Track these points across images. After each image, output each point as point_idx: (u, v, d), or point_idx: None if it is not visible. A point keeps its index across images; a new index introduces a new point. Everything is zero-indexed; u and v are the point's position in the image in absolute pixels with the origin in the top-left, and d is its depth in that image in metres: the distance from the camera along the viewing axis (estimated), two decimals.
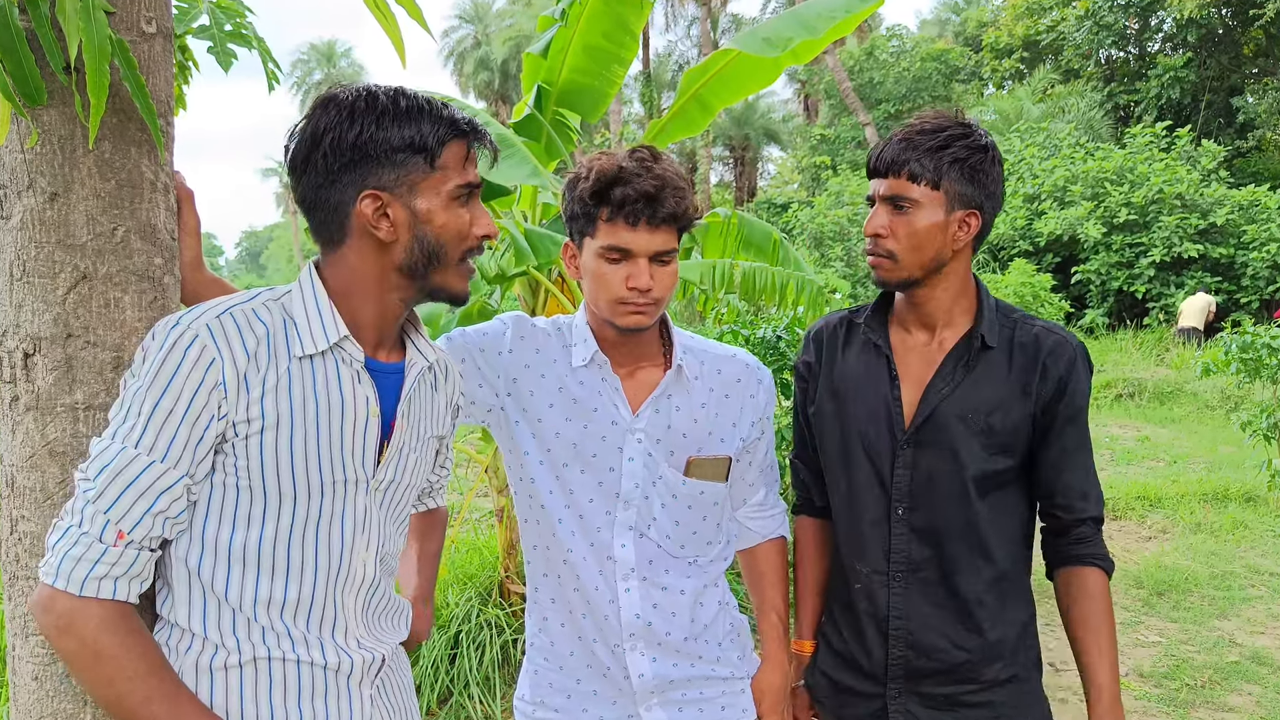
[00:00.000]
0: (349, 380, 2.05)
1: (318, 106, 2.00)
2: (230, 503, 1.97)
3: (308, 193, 2.01)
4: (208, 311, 1.94)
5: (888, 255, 2.56)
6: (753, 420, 2.74)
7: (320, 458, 2.00)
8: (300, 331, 2.00)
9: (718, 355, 2.76)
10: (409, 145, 1.97)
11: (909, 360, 2.68)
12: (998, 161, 2.57)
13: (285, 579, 2.02)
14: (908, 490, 2.62)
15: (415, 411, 2.22)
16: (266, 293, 2.06)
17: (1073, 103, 34.04)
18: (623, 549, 2.61)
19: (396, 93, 2.00)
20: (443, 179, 2.02)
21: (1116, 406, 17.39)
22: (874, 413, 2.67)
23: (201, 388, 1.88)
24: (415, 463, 2.23)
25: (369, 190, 1.97)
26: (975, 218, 2.54)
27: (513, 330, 2.69)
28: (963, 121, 2.56)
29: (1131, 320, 24.44)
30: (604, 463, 2.60)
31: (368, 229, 2.00)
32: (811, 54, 5.95)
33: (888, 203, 2.55)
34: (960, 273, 2.61)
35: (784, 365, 6.67)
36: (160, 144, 2.03)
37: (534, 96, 6.38)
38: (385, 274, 2.05)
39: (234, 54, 2.44)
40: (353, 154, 1.95)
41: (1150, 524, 9.94)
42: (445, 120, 2.01)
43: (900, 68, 41.56)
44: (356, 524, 2.10)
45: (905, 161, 2.51)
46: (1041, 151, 28.44)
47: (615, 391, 2.62)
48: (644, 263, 2.46)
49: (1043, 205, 25.98)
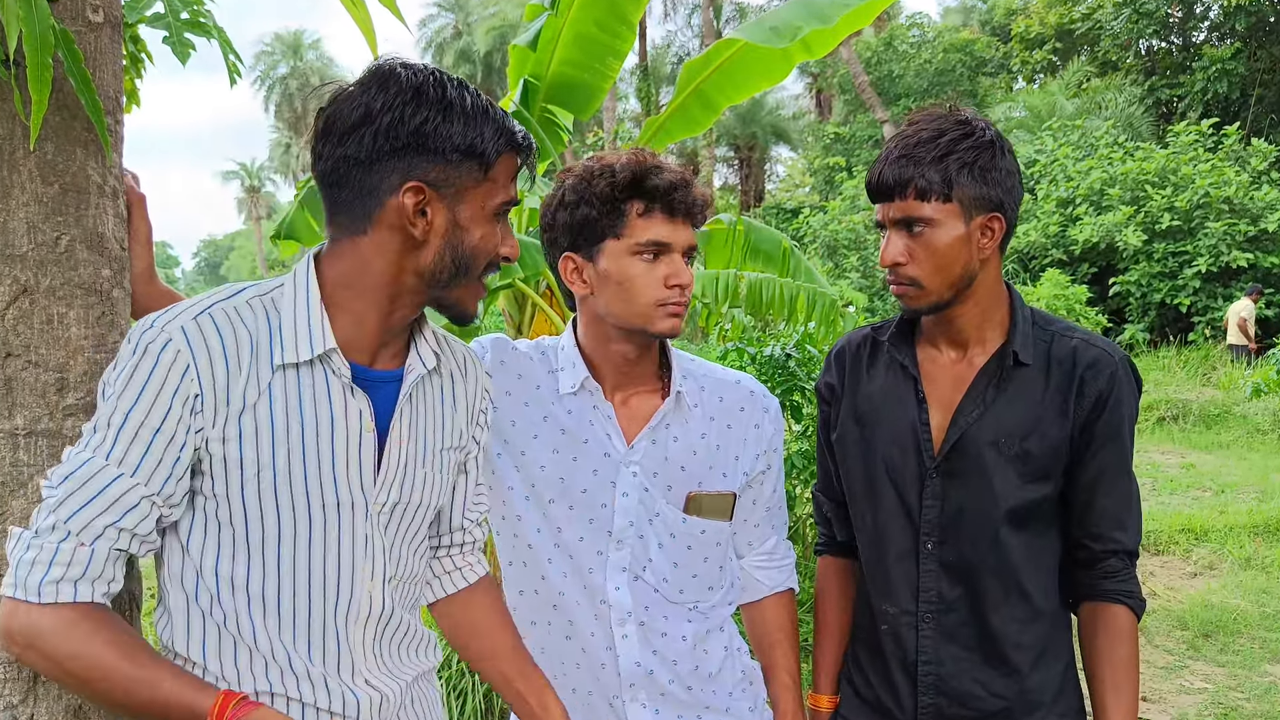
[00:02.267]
0: (339, 392, 2.04)
1: (376, 79, 1.98)
2: (214, 530, 1.97)
3: (339, 166, 1.99)
4: (185, 311, 1.93)
5: (912, 283, 2.54)
6: (757, 453, 2.72)
7: (308, 479, 1.99)
8: (284, 336, 1.99)
9: (720, 380, 2.75)
10: (469, 148, 1.98)
11: (938, 381, 2.67)
12: (1007, 151, 2.55)
13: (278, 611, 2.01)
14: (937, 523, 2.60)
15: (417, 423, 2.20)
16: (254, 288, 2.05)
17: (1110, 98, 34.09)
18: (617, 592, 2.59)
19: (462, 86, 2.01)
20: (491, 191, 2.05)
21: (1159, 430, 17.39)
22: (900, 438, 2.66)
23: (176, 397, 1.88)
24: (426, 481, 2.21)
25: (415, 182, 1.97)
26: (998, 220, 2.52)
27: (492, 355, 2.67)
28: (961, 119, 2.54)
29: (1175, 336, 24.43)
30: (595, 498, 2.58)
31: (401, 223, 1.99)
32: (825, 47, 5.96)
33: (900, 226, 2.53)
34: (990, 283, 2.59)
35: (793, 386, 6.66)
36: (108, 144, 2.02)
37: (520, 92, 6.39)
38: (403, 275, 2.04)
39: (192, 45, 2.44)
40: (409, 140, 1.95)
41: (1195, 559, 9.93)
42: (507, 131, 2.04)
43: (921, 59, 41.61)
44: (357, 551, 2.08)
45: (910, 179, 2.49)
46: (1076, 151, 28.45)
47: (608, 420, 2.60)
48: (680, 258, 2.49)
49: (1078, 210, 26.00)
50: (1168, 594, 8.85)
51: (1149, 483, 13.31)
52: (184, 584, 1.99)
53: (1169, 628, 8.03)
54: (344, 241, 2.04)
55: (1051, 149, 29.02)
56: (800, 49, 5.92)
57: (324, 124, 2.01)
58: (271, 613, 2.01)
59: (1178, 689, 6.87)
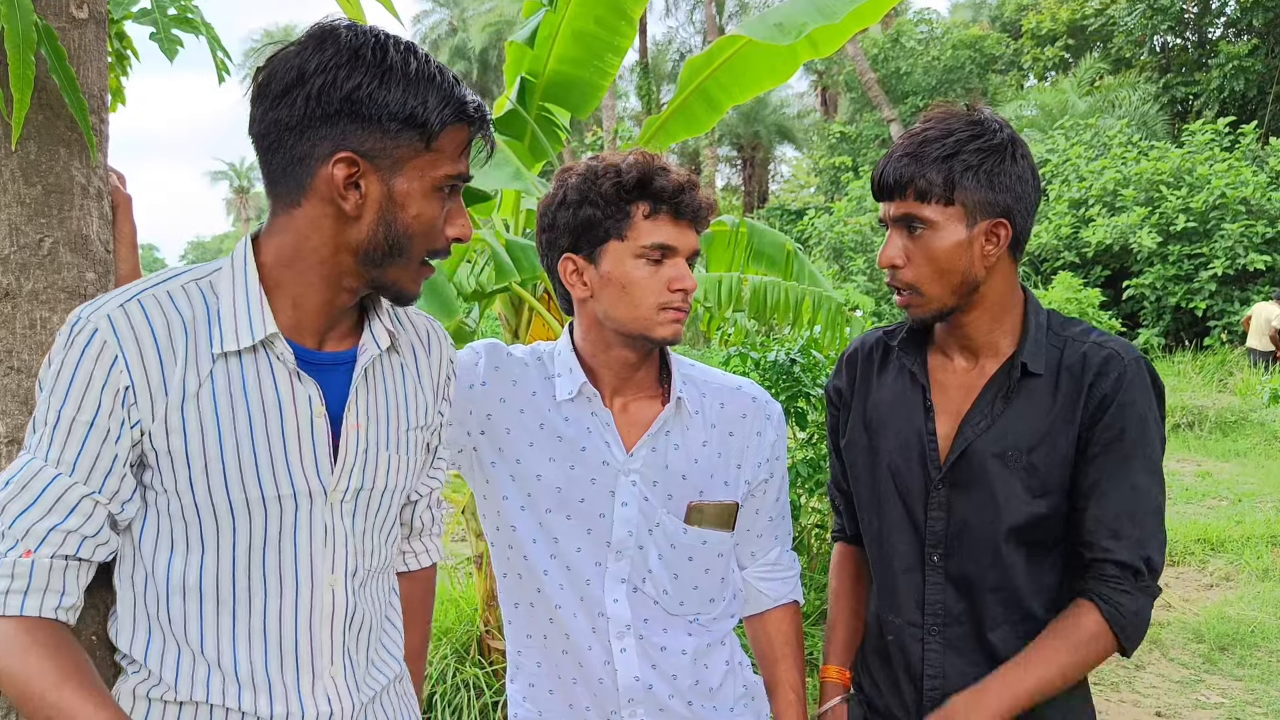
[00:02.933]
0: (285, 378, 2.00)
1: (314, 39, 1.92)
2: (165, 526, 1.95)
3: (269, 130, 1.93)
4: (112, 299, 1.90)
5: (911, 289, 2.54)
6: (759, 461, 2.72)
7: (260, 470, 1.97)
8: (224, 322, 1.95)
9: (721, 386, 2.75)
10: (409, 117, 1.91)
11: (948, 389, 2.66)
12: (1022, 156, 2.52)
13: (232, 612, 1.99)
14: (943, 535, 2.60)
15: (376, 405, 2.15)
16: (190, 272, 2.01)
17: (1124, 96, 34.08)
18: (615, 604, 2.59)
19: (408, 50, 1.93)
20: (433, 163, 1.97)
21: (1174, 438, 17.35)
22: (906, 447, 2.65)
23: (105, 391, 1.86)
24: (392, 464, 2.18)
25: (346, 152, 1.90)
26: (1004, 227, 2.50)
27: (486, 360, 2.66)
28: (974, 119, 2.52)
29: (1190, 341, 24.41)
30: (593, 508, 2.58)
31: (332, 195, 1.93)
32: (831, 45, 5.95)
33: (900, 225, 2.53)
34: (999, 291, 2.57)
35: (798, 392, 6.66)
36: (92, 144, 2.02)
37: (517, 89, 6.38)
38: (338, 253, 1.98)
39: (179, 41, 2.44)
40: (341, 106, 1.88)
41: (1212, 570, 9.92)
42: (455, 100, 1.96)
43: (930, 56, 41.68)
44: (316, 543, 2.05)
45: (911, 178, 2.48)
46: (1089, 151, 28.46)
47: (606, 428, 2.60)
48: (684, 262, 2.50)
49: (1090, 211, 26.00)
50: (1183, 606, 8.85)
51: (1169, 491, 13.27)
52: (133, 584, 1.98)
53: (1184, 641, 8.03)
54: (280, 215, 1.99)
55: (1063, 148, 29.02)
56: (806, 46, 5.91)
57: (259, 84, 1.94)
58: (226, 613, 1.99)
59: (1193, 704, 6.87)
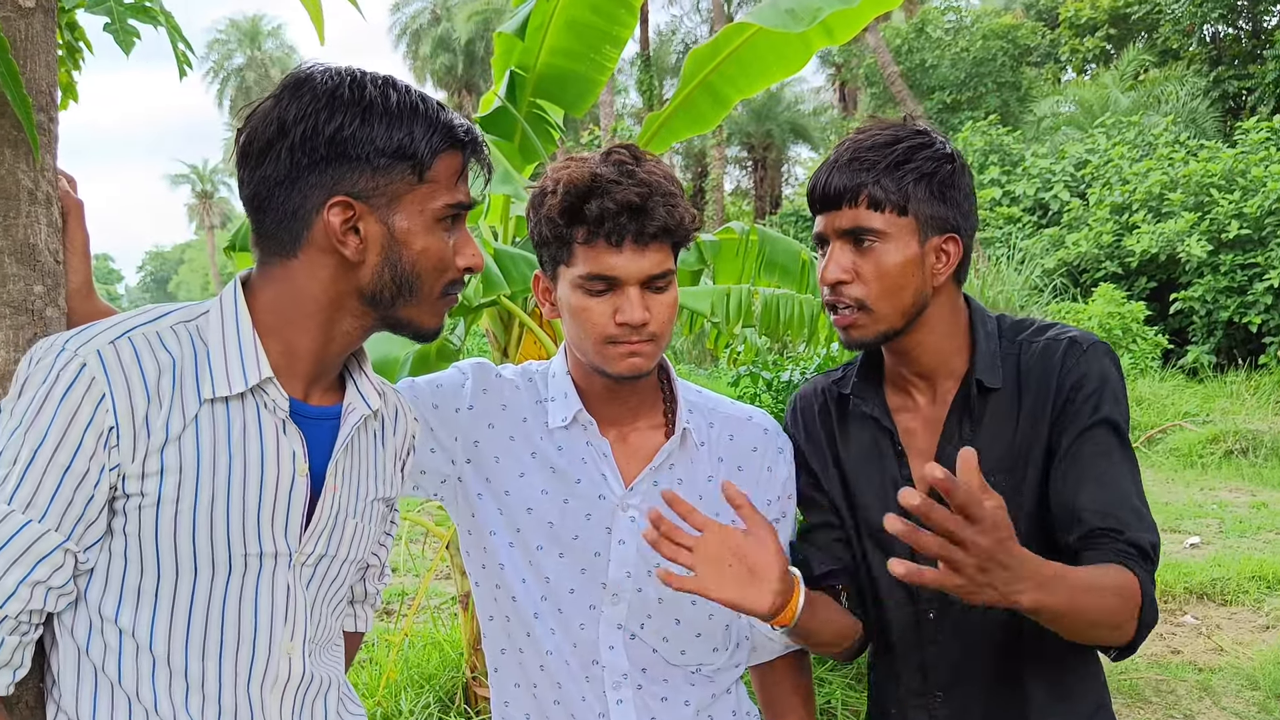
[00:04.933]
0: (271, 430, 2.03)
1: (289, 87, 1.99)
2: (118, 571, 1.96)
3: (260, 189, 1.99)
4: (101, 334, 1.92)
5: (858, 306, 2.51)
6: (769, 499, 2.71)
7: (230, 525, 1.98)
8: (214, 366, 1.98)
9: (729, 416, 2.74)
10: (396, 150, 1.97)
11: (913, 427, 2.65)
12: (967, 172, 2.54)
13: (185, 670, 2.00)
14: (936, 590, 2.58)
15: (354, 468, 2.20)
16: (178, 312, 2.04)
17: (1171, 90, 34.13)
18: (611, 651, 2.58)
19: (386, 84, 2.00)
20: (430, 195, 2.03)
21: (1226, 465, 17.32)
22: (883, 499, 2.64)
23: (89, 431, 1.86)
24: (355, 532, 2.21)
25: (340, 196, 1.97)
26: (954, 243, 2.51)
27: (473, 382, 2.66)
28: (917, 129, 2.53)
29: (1244, 359, 24.32)
30: (588, 546, 2.57)
31: (331, 243, 1.99)
32: (849, 32, 5.96)
33: (846, 238, 2.51)
34: (944, 312, 2.57)
35: None
36: (37, 145, 2.02)
37: (506, 84, 6.39)
38: (342, 299, 2.04)
39: (136, 33, 2.44)
40: (327, 150, 1.95)
41: (1268, 610, 9.90)
42: (442, 126, 2.02)
43: (958, 48, 41.64)
44: (275, 607, 2.07)
45: (862, 185, 2.46)
46: (1132, 151, 28.47)
47: (603, 459, 2.59)
48: (634, 291, 2.41)
49: (1134, 217, 25.98)
50: (1236, 649, 8.83)
51: (1214, 523, 13.28)
52: (74, 634, 1.98)
53: (1238, 687, 8.01)
54: (274, 266, 2.04)
55: (1104, 148, 29.06)
56: (820, 34, 5.92)
57: (241, 145, 2.02)
58: (178, 675, 1.99)
59: None
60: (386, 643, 7.64)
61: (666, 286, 2.46)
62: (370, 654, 7.62)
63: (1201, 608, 9.72)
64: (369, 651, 7.64)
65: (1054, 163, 29.94)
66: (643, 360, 2.46)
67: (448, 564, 6.75)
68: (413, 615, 7.35)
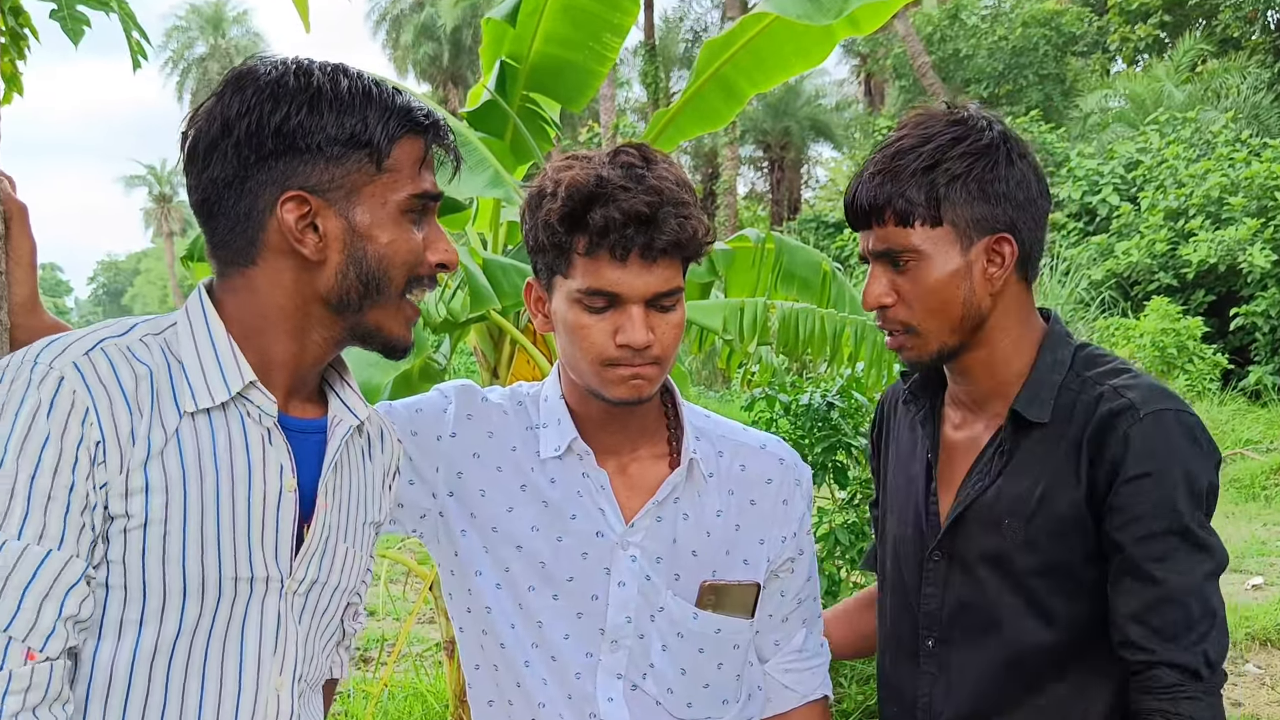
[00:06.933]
0: (257, 441, 2.04)
1: (231, 82, 2.01)
2: (98, 599, 1.94)
3: (209, 193, 2.01)
4: (72, 346, 1.92)
5: (904, 329, 2.51)
6: (784, 535, 2.70)
7: (221, 547, 1.98)
8: (191, 377, 1.99)
9: (741, 445, 2.72)
10: (350, 139, 1.99)
11: (956, 444, 2.66)
12: (1020, 156, 2.50)
13: (163, 709, 1.98)
14: (936, 616, 2.60)
15: (342, 487, 2.20)
16: (143, 324, 2.05)
17: (1231, 83, 34.10)
18: (610, 704, 2.57)
19: (336, 70, 2.03)
20: (391, 185, 2.04)
21: None
22: (906, 513, 2.67)
23: (81, 449, 1.86)
24: (347, 558, 2.21)
25: (294, 191, 1.98)
26: (1008, 243, 2.48)
27: (456, 406, 2.65)
28: (955, 118, 2.50)
29: None
30: (584, 588, 2.56)
31: (288, 243, 2.01)
32: (875, 21, 5.97)
33: (883, 260, 2.50)
34: (1007, 323, 2.54)
35: (837, 442, 6.66)
36: None
37: (496, 76, 6.39)
38: (307, 305, 2.05)
39: (86, 20, 2.45)
40: (275, 144, 1.97)
41: None
42: (398, 110, 2.04)
43: (996, 36, 41.62)
44: (265, 638, 2.07)
45: (888, 200, 2.45)
46: (1189, 150, 28.44)
47: (601, 492, 2.57)
48: (638, 310, 2.37)
49: (1191, 224, 25.95)
50: None
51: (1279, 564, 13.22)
52: None
53: None
54: (234, 277, 2.06)
55: (1158, 147, 29.01)
56: (845, 24, 5.91)
57: (188, 148, 2.03)
58: (155, 713, 1.97)
59: None
60: (364, 693, 7.62)
61: (673, 306, 2.43)
62: (345, 706, 7.60)
63: (1265, 655, 9.68)
64: (344, 704, 7.61)
65: (1102, 163, 29.88)
66: (645, 384, 2.43)
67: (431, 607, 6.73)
68: (393, 663, 7.34)
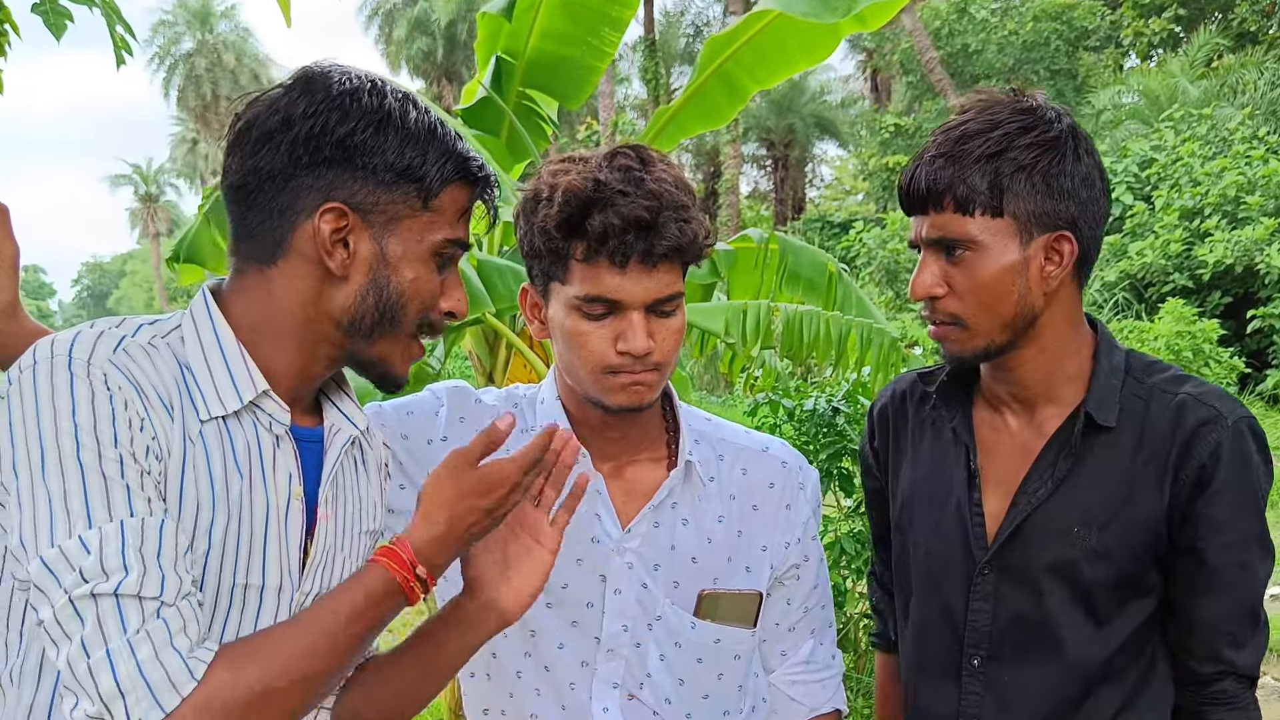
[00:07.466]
0: (269, 448, 2.05)
1: (301, 81, 2.04)
2: None
3: (250, 179, 2.02)
4: (98, 345, 1.89)
5: (952, 321, 2.50)
6: (789, 541, 2.69)
7: (239, 550, 1.99)
8: (201, 384, 1.99)
9: (742, 448, 2.72)
10: (406, 169, 2.02)
11: (998, 451, 2.63)
12: (1086, 152, 2.48)
13: None
14: (987, 634, 2.58)
15: (341, 496, 2.21)
16: (148, 326, 2.03)
17: (1248, 79, 34.06)
18: (605, 715, 2.57)
19: (406, 99, 2.06)
20: (431, 224, 2.07)
21: None
22: (944, 524, 2.64)
23: (138, 439, 1.85)
24: (345, 569, 2.21)
25: (336, 203, 2.00)
26: (1068, 241, 2.46)
27: (449, 409, 2.66)
28: (1023, 106, 2.48)
29: None
30: (579, 595, 2.56)
31: (316, 252, 2.02)
32: (883, 17, 5.98)
33: (936, 248, 2.49)
34: (1061, 323, 2.54)
35: (843, 449, 6.65)
36: None
37: (492, 72, 6.40)
38: (319, 319, 2.06)
39: (68, 15, 2.44)
40: (333, 153, 1.99)
41: None
42: (456, 155, 2.07)
43: (1006, 30, 41.62)
44: None
45: (949, 185, 2.43)
46: (1204, 148, 28.41)
47: (597, 496, 2.57)
48: (638, 317, 2.38)
49: (1207, 224, 25.92)
50: None
51: None
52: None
53: None
54: (249, 274, 2.06)
55: (1173, 145, 28.98)
56: (851, 21, 5.90)
57: (237, 130, 2.04)
58: None
59: None
60: None
61: (674, 311, 2.44)
62: None
63: None
64: None
65: (1115, 161, 29.81)
66: (646, 390, 2.44)
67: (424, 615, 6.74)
68: None
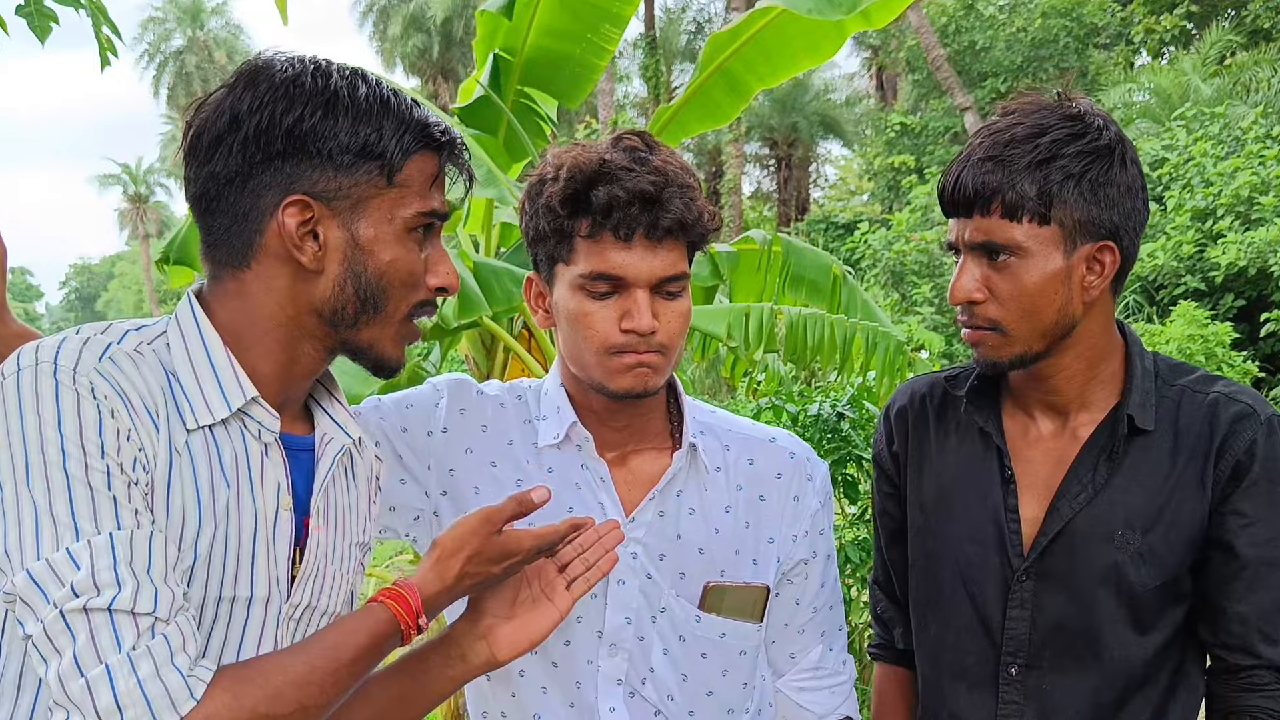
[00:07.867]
0: (258, 457, 2.05)
1: (244, 75, 2.02)
2: None
3: (209, 187, 2.01)
4: (84, 353, 1.89)
5: (991, 327, 2.50)
6: (795, 534, 2.68)
7: (226, 560, 1.98)
8: (188, 391, 1.99)
9: (748, 438, 2.71)
10: (363, 148, 2.00)
11: (1031, 455, 2.62)
12: (1131, 161, 2.49)
13: None
14: (1025, 641, 2.57)
15: (332, 507, 2.20)
16: (135, 332, 2.03)
17: (1261, 77, 34.02)
18: (612, 714, 2.56)
19: (354, 75, 2.04)
20: (400, 200, 2.05)
21: None
22: (979, 531, 2.62)
23: (125, 449, 1.85)
24: (335, 582, 2.21)
25: (297, 195, 1.98)
26: (1110, 251, 2.47)
27: (449, 401, 2.65)
28: (1071, 112, 2.48)
29: None
30: None
31: (286, 249, 2.01)
32: (889, 15, 5.98)
33: (979, 252, 2.49)
34: (1097, 332, 2.55)
35: (848, 455, 6.65)
36: None
37: (489, 70, 6.39)
38: (300, 315, 2.06)
39: (53, 16, 2.45)
40: (284, 145, 1.97)
41: None
42: (415, 124, 2.05)
43: (1014, 28, 41.54)
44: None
45: (997, 189, 2.42)
46: (1217, 147, 28.36)
47: (601, 483, 2.57)
48: (643, 295, 2.39)
49: (1219, 224, 25.87)
50: None
51: None
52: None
53: None
54: (225, 280, 2.06)
55: (1184, 144, 28.93)
56: (857, 18, 5.89)
57: (189, 140, 2.03)
58: None
59: None
60: None
61: (679, 292, 2.45)
62: None
63: None
64: None
65: None
66: (650, 373, 2.44)
67: None
68: None
